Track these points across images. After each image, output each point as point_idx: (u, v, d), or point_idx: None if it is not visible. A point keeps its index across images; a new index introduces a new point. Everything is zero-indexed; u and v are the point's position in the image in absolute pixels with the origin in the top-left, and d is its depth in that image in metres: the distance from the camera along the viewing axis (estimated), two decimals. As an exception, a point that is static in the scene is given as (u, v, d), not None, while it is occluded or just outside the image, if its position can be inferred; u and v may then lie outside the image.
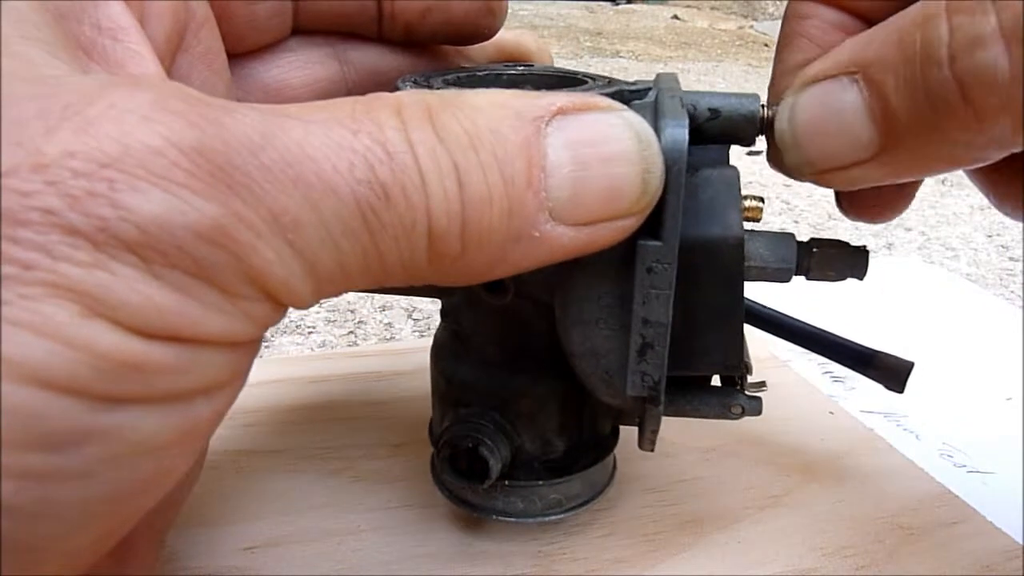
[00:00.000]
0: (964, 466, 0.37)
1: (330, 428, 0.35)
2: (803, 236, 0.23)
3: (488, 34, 0.26)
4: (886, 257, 0.66)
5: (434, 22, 0.25)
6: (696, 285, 0.21)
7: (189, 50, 0.22)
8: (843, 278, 0.24)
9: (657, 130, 0.19)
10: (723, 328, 0.22)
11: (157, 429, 0.15)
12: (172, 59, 0.21)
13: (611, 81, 0.24)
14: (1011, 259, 0.67)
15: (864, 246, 0.24)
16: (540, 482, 0.28)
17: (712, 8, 2.39)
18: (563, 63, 1.29)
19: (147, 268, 0.14)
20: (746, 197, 0.22)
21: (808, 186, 0.78)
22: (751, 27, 2.14)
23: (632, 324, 0.21)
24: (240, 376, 0.17)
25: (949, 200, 0.81)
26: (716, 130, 0.22)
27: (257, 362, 0.18)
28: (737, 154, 0.23)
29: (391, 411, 0.37)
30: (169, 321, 0.14)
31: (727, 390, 0.25)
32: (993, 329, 0.52)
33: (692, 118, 0.20)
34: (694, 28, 2.10)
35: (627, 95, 0.22)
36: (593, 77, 0.24)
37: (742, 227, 0.21)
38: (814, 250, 0.24)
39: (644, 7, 2.40)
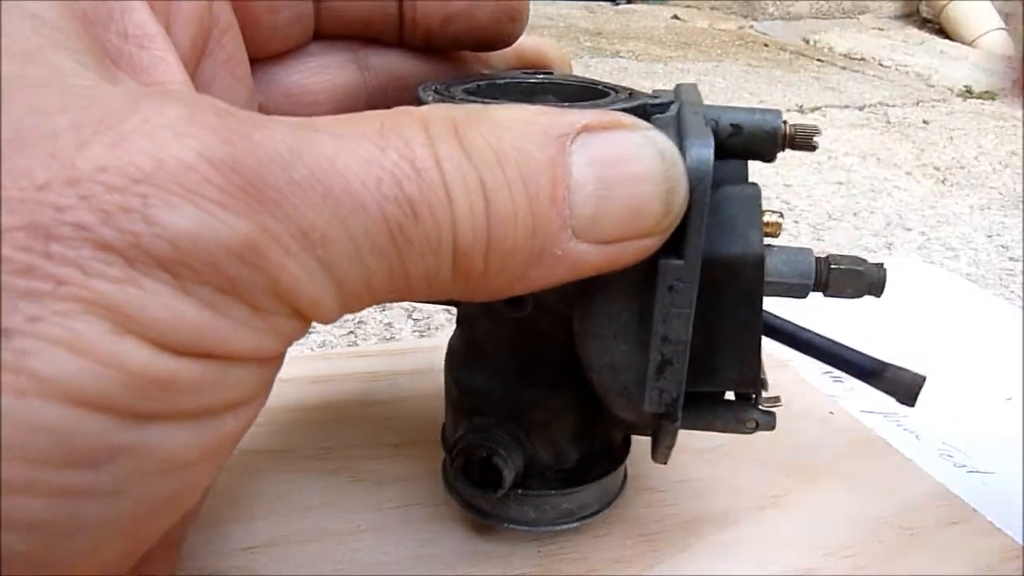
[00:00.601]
0: (964, 466, 0.38)
1: (330, 428, 0.35)
2: (803, 236, 0.23)
3: (509, 40, 0.26)
4: (886, 257, 0.66)
5: (456, 28, 0.25)
6: (715, 302, 0.21)
7: (212, 56, 0.22)
8: (860, 295, 0.24)
9: (682, 148, 0.19)
10: (741, 345, 0.22)
11: (185, 445, 0.15)
12: (196, 65, 0.21)
13: (632, 93, 0.23)
14: (1011, 259, 0.68)
15: (882, 264, 0.24)
16: (552, 491, 0.27)
17: (712, 8, 2.37)
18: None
19: (178, 285, 0.14)
20: (766, 212, 0.22)
21: (808, 186, 0.78)
22: (751, 27, 2.13)
23: (651, 341, 0.21)
24: (265, 391, 0.17)
25: (949, 200, 0.81)
26: (738, 146, 0.22)
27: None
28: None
29: (391, 411, 0.36)
30: (199, 338, 0.14)
31: (741, 404, 0.25)
32: (993, 329, 0.52)
33: (715, 134, 0.20)
34: (694, 28, 2.09)
35: (649, 109, 0.22)
36: (615, 88, 0.24)
37: (763, 246, 0.21)
38: (832, 267, 0.23)
39: (644, 7, 2.37)
